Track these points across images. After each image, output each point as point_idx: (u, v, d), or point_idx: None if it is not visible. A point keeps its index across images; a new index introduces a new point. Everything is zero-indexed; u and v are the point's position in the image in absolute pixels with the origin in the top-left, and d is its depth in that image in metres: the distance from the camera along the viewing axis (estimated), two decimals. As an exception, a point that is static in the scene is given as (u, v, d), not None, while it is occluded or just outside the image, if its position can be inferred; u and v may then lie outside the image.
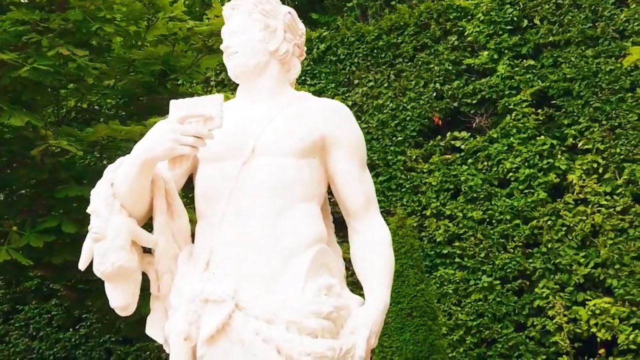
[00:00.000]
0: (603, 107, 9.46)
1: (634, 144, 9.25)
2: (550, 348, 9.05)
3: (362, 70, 10.84)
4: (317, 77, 10.97)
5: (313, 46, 11.15)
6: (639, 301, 8.81)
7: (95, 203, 3.33)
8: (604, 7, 9.81)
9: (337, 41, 11.09)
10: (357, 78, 10.82)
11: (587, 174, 9.39)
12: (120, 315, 3.43)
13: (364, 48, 10.87)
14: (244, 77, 3.65)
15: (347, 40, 11.02)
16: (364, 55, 10.88)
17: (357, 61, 10.91)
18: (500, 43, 10.10)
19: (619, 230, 9.11)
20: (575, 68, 9.68)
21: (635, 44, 9.51)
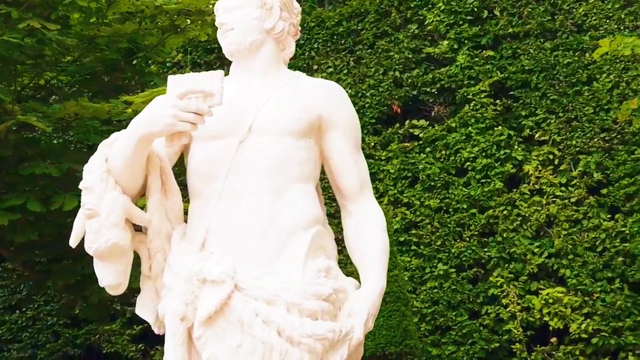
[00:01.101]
0: (560, 100, 9.59)
1: (589, 137, 9.40)
2: (504, 336, 9.17)
3: (321, 56, 10.80)
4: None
5: (272, 30, 11.05)
6: (591, 291, 8.98)
7: (88, 179, 3.23)
8: (563, 1, 9.94)
9: (296, 26, 11.01)
10: (317, 64, 10.78)
11: (543, 165, 9.52)
12: (111, 294, 3.34)
13: (324, 34, 10.83)
14: (239, 55, 3.59)
15: (307, 26, 10.97)
16: (323, 41, 10.85)
17: (317, 47, 10.87)
18: (461, 33, 10.15)
19: (573, 221, 9.27)
20: (533, 60, 9.79)
21: (593, 37, 9.67)
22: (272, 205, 3.28)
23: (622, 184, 9.18)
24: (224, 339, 3.08)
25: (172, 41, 7.31)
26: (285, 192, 3.32)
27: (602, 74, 9.53)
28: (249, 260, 3.17)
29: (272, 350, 3.02)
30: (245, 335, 3.05)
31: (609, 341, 8.82)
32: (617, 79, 9.46)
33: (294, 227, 3.28)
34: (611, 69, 9.51)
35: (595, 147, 9.36)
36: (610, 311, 8.88)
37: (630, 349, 8.79)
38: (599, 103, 9.47)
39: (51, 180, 5.76)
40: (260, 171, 3.31)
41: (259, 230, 3.23)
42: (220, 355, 3.07)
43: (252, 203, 3.27)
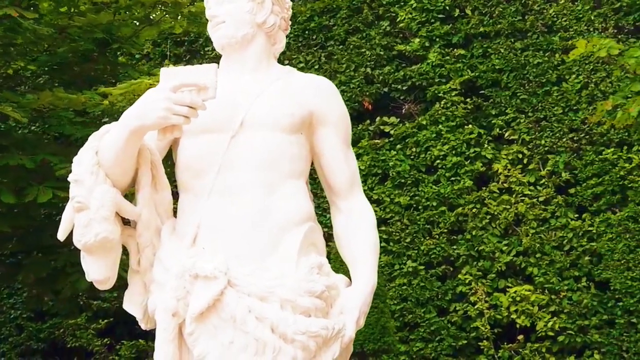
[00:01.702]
0: (530, 99, 9.68)
1: (558, 137, 9.50)
2: (471, 333, 9.23)
3: (292, 51, 10.77)
4: (247, 56, 10.82)
5: (243, 24, 10.98)
6: (557, 290, 9.08)
7: (77, 171, 3.17)
8: (533, 1, 10.02)
9: (268, 20, 10.95)
10: (288, 58, 10.74)
11: (512, 164, 9.60)
12: (99, 288, 3.29)
13: (296, 29, 10.79)
14: (230, 49, 3.55)
15: (278, 20, 10.90)
16: (295, 36, 10.81)
17: (288, 41, 10.82)
18: (432, 31, 10.19)
19: (541, 220, 9.36)
20: (504, 60, 9.86)
21: (563, 39, 9.77)
22: (265, 200, 3.25)
23: (589, 184, 9.29)
24: (216, 335, 3.04)
25: (146, 33, 7.22)
26: (277, 188, 3.29)
27: (571, 75, 9.63)
28: (241, 256, 3.14)
29: (265, 347, 3.00)
30: (238, 332, 3.02)
31: (575, 339, 8.94)
32: (586, 80, 9.57)
33: (287, 223, 3.25)
34: (580, 70, 9.62)
35: (564, 147, 9.46)
36: (577, 309, 9.00)
37: (596, 347, 8.91)
38: (568, 103, 9.57)
39: (25, 172, 5.66)
40: (252, 166, 3.27)
41: (251, 226, 3.20)
42: (211, 351, 3.04)
43: (244, 198, 3.23)
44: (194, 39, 11.07)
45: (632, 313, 8.89)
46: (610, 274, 8.99)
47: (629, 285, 8.91)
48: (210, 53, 10.85)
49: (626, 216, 9.07)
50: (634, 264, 8.96)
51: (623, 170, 9.19)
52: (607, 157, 9.26)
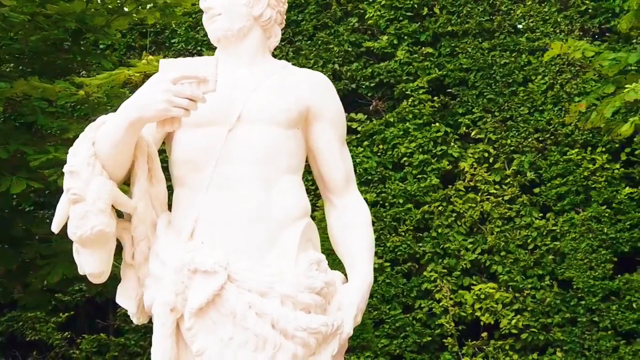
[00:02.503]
0: (496, 99, 9.76)
1: (523, 136, 9.59)
2: (436, 330, 9.29)
3: (260, 45, 10.69)
4: (214, 49, 10.70)
5: (210, 16, 10.88)
6: (521, 288, 9.18)
7: (73, 162, 3.13)
8: (501, 2, 10.09)
9: (235, 13, 10.87)
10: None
11: (478, 163, 9.68)
12: (93, 282, 3.24)
13: (263, 23, 10.72)
14: (226, 41, 3.54)
15: (246, 14, 10.84)
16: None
17: (256, 35, 10.75)
18: (400, 29, 10.21)
19: (506, 219, 9.45)
20: (471, 59, 9.92)
21: (530, 39, 9.87)
22: (263, 196, 3.24)
23: (554, 184, 9.40)
24: (215, 330, 3.03)
25: (117, 23, 7.12)
26: (275, 183, 3.29)
27: (537, 76, 9.73)
28: (240, 251, 3.13)
29: (265, 343, 2.99)
30: (238, 328, 3.01)
31: (538, 337, 9.05)
32: (551, 81, 9.67)
33: (285, 219, 3.25)
34: (546, 71, 9.72)
35: (529, 147, 9.56)
36: (540, 308, 9.11)
37: (559, 344, 9.04)
38: (533, 104, 9.66)
39: (-6, 165, 5.56)
40: (250, 160, 3.26)
41: (250, 221, 3.19)
42: (210, 347, 3.03)
43: (242, 193, 3.22)
44: (159, 30, 10.94)
45: (594, 312, 9.03)
46: (573, 272, 9.11)
47: (591, 284, 9.05)
48: (177, 45, 10.75)
49: (589, 216, 9.20)
50: (596, 263, 9.09)
51: (587, 171, 9.32)
52: (572, 157, 9.38)
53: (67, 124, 5.73)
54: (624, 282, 9.02)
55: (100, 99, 5.93)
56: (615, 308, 8.99)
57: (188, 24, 10.70)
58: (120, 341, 9.86)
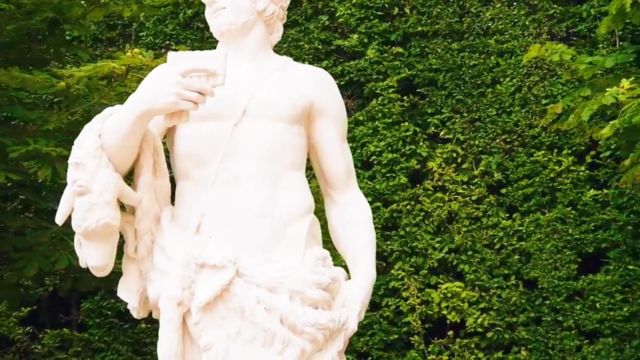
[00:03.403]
0: (465, 100, 9.85)
1: (491, 137, 9.70)
2: (403, 328, 9.35)
3: (229, 41, 10.64)
4: (183, 43, 10.64)
5: (179, 11, 10.82)
6: (487, 287, 9.28)
7: (79, 154, 3.09)
8: (470, 4, 10.19)
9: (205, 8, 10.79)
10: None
11: (447, 163, 9.76)
12: (96, 275, 3.20)
13: (233, 18, 10.67)
14: (230, 36, 3.52)
15: (216, 9, 10.78)
16: (232, 26, 10.68)
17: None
18: (371, 28, 10.25)
19: (473, 219, 9.55)
20: (441, 60, 10.00)
21: (499, 42, 9.98)
22: (269, 191, 3.24)
23: (520, 185, 9.52)
24: (222, 325, 3.02)
25: (93, 14, 7.03)
26: (280, 179, 3.29)
27: (505, 78, 9.84)
28: (247, 247, 3.12)
29: (274, 339, 2.99)
30: (245, 322, 3.00)
31: (503, 335, 9.16)
32: (519, 84, 9.79)
33: (291, 216, 3.26)
34: (514, 73, 9.84)
35: (497, 148, 9.67)
36: (506, 307, 9.22)
37: (523, 343, 9.16)
38: (501, 105, 9.78)
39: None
40: (256, 156, 3.26)
41: (256, 217, 3.19)
42: (218, 342, 3.02)
43: (249, 188, 3.22)
44: (127, 23, 10.83)
45: (558, 311, 9.17)
46: (538, 272, 9.25)
47: (556, 284, 9.19)
48: (145, 38, 10.65)
49: (555, 217, 9.34)
50: (560, 263, 9.24)
51: (553, 173, 9.46)
52: (538, 159, 9.51)
53: (47, 116, 5.64)
54: (587, 283, 9.17)
55: (79, 91, 5.85)
56: (579, 308, 9.14)
57: (157, 18, 10.60)
58: (84, 336, 9.74)
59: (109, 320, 9.77)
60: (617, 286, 9.10)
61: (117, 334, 9.75)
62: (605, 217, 9.28)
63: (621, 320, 9.03)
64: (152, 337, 9.66)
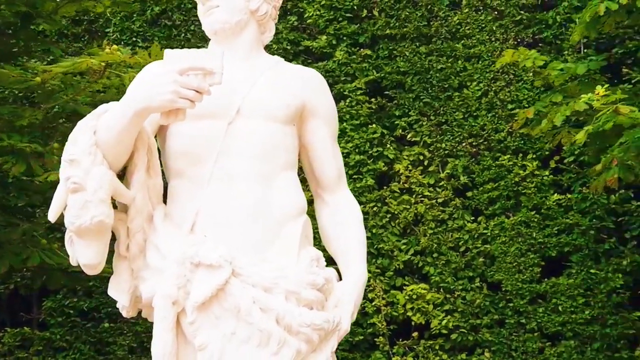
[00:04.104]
0: (432, 103, 9.92)
1: (458, 141, 9.79)
2: (368, 329, 9.39)
3: (198, 39, 10.60)
4: (149, 41, 10.57)
5: (147, 7, 10.74)
6: (452, 289, 9.36)
7: (73, 151, 3.06)
8: (439, 8, 10.27)
9: (173, 6, 10.75)
10: (194, 46, 10.57)
11: (413, 165, 9.82)
12: (88, 273, 3.17)
13: (202, 16, 10.60)
14: (223, 34, 3.52)
15: (184, 7, 10.73)
16: (200, 24, 10.60)
17: (194, 29, 10.65)
18: (340, 29, 10.27)
19: (439, 221, 9.62)
20: (409, 63, 10.06)
21: (466, 46, 10.07)
22: (263, 191, 3.25)
23: (486, 188, 9.63)
24: (217, 325, 3.01)
25: (65, 9, 6.95)
26: (274, 179, 3.30)
27: (472, 82, 9.93)
28: (242, 246, 3.12)
29: (269, 339, 2.98)
30: (241, 323, 2.99)
31: (467, 337, 9.25)
32: (486, 88, 9.89)
33: (285, 216, 3.27)
34: (481, 77, 9.94)
35: (463, 152, 9.76)
36: (470, 309, 9.31)
37: (487, 345, 9.26)
38: (468, 109, 9.87)
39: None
40: (250, 155, 3.26)
41: (251, 217, 3.19)
42: (213, 341, 3.00)
43: (244, 188, 3.22)
44: (93, 19, 10.71)
45: (522, 314, 9.29)
46: (503, 275, 9.36)
47: (520, 287, 9.31)
48: (111, 35, 10.54)
49: (519, 221, 9.46)
50: (524, 266, 9.36)
51: (517, 177, 9.57)
52: (504, 163, 9.62)
53: (20, 111, 5.57)
54: (550, 286, 9.31)
55: (54, 87, 5.78)
56: (542, 310, 9.27)
57: (124, 14, 10.50)
58: (45, 335, 9.61)
59: (71, 319, 9.66)
60: (579, 289, 9.24)
61: (80, 333, 9.65)
62: (568, 221, 9.42)
63: (583, 323, 9.17)
64: (115, 337, 9.58)
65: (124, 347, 9.56)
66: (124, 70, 5.53)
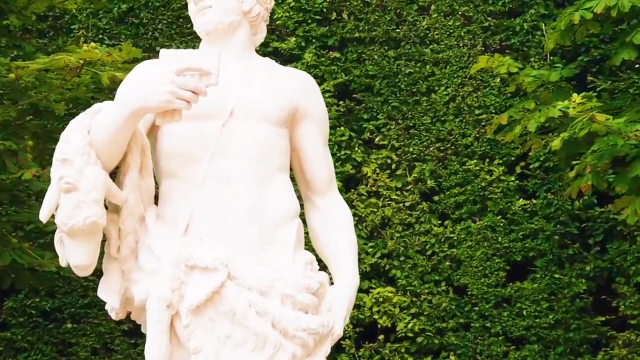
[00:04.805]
0: (400, 107, 9.96)
1: (425, 145, 9.84)
2: (334, 332, 9.36)
3: (165, 38, 10.52)
4: (116, 38, 10.47)
5: (114, 5, 10.61)
6: (419, 292, 9.41)
7: (66, 150, 3.01)
8: (408, 13, 10.31)
9: (140, 3, 10.65)
10: (160, 45, 10.47)
11: (381, 169, 9.85)
12: (79, 275, 3.12)
13: (170, 15, 10.55)
14: (216, 35, 3.49)
15: (152, 5, 10.63)
16: (168, 23, 10.56)
17: (161, 28, 10.56)
18: (309, 31, 10.27)
19: (406, 225, 9.66)
20: (377, 66, 10.09)
21: (434, 51, 10.13)
22: (259, 193, 3.23)
23: (452, 192, 9.69)
24: (212, 329, 2.99)
25: (36, 5, 6.85)
26: (269, 181, 3.28)
27: (440, 87, 10.00)
28: (239, 248, 3.10)
29: (265, 343, 2.97)
30: (236, 326, 2.97)
31: (433, 340, 9.30)
32: (454, 93, 9.96)
33: (280, 218, 3.26)
34: (449, 83, 10.01)
35: (431, 156, 9.81)
36: (436, 312, 9.36)
37: (452, 348, 9.31)
38: (436, 114, 9.93)
39: None
40: (244, 157, 3.24)
41: (246, 219, 3.17)
42: (207, 345, 2.97)
43: (239, 190, 3.20)
44: (59, 15, 10.56)
45: (487, 317, 9.37)
46: (468, 279, 9.43)
47: (485, 291, 9.38)
48: (77, 32, 10.40)
49: (485, 225, 9.54)
50: (490, 271, 9.44)
51: (484, 182, 9.65)
52: (470, 168, 9.70)
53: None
54: (515, 290, 9.40)
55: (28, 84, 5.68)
56: (507, 315, 9.35)
57: (90, 11, 10.37)
58: (6, 335, 9.45)
59: (33, 320, 9.50)
60: (544, 294, 9.35)
61: (41, 334, 9.50)
62: (533, 226, 9.52)
63: (546, 327, 9.28)
64: (77, 338, 9.45)
65: (86, 349, 9.43)
66: (101, 68, 5.46)
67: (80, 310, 9.50)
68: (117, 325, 9.39)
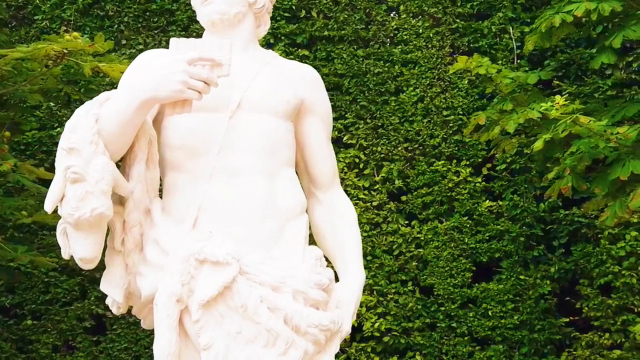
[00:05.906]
0: (369, 106, 9.94)
1: (393, 145, 9.84)
2: (300, 331, 9.32)
3: (131, 31, 10.35)
4: (81, 30, 10.26)
5: (79, -4, 10.40)
6: (385, 292, 9.40)
7: (74, 139, 2.91)
8: (377, 12, 10.30)
9: (106, -5, 10.46)
10: (126, 38, 10.31)
11: (349, 168, 9.82)
12: (83, 267, 3.02)
13: (136, 9, 10.37)
14: (221, 26, 3.43)
15: (118, -3, 10.46)
16: (135, 16, 10.38)
17: (127, 21, 10.38)
18: (277, 29, 10.19)
19: (373, 224, 9.65)
20: (346, 65, 10.06)
21: (403, 51, 10.14)
22: (268, 187, 3.17)
23: (420, 193, 9.70)
24: (222, 324, 2.93)
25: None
26: (277, 175, 3.23)
27: (408, 87, 10.01)
28: (249, 244, 3.04)
29: (276, 339, 2.91)
30: (247, 322, 2.92)
31: (399, 340, 9.30)
32: (422, 94, 9.98)
33: (289, 213, 3.21)
34: (417, 83, 10.02)
35: (399, 156, 9.81)
36: (402, 312, 9.36)
37: (418, 348, 9.33)
38: (404, 114, 9.93)
39: None
40: (253, 150, 3.18)
41: (257, 214, 3.11)
42: (217, 340, 2.91)
43: (247, 183, 3.14)
44: (22, 5, 10.33)
45: (453, 318, 9.40)
46: (435, 279, 9.45)
47: (451, 291, 9.41)
48: (40, 23, 10.19)
49: (452, 226, 9.57)
50: (456, 271, 9.47)
51: (451, 183, 9.69)
52: (438, 169, 9.72)
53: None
54: (481, 291, 9.44)
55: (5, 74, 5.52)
56: (472, 315, 9.39)
57: (54, 2, 10.17)
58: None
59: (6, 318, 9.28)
60: (509, 295, 9.41)
61: (1, 331, 9.27)
62: (499, 227, 9.58)
63: (511, 328, 9.34)
64: (38, 335, 9.25)
65: (47, 346, 9.23)
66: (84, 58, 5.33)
67: (41, 306, 9.30)
68: (79, 323, 9.23)
